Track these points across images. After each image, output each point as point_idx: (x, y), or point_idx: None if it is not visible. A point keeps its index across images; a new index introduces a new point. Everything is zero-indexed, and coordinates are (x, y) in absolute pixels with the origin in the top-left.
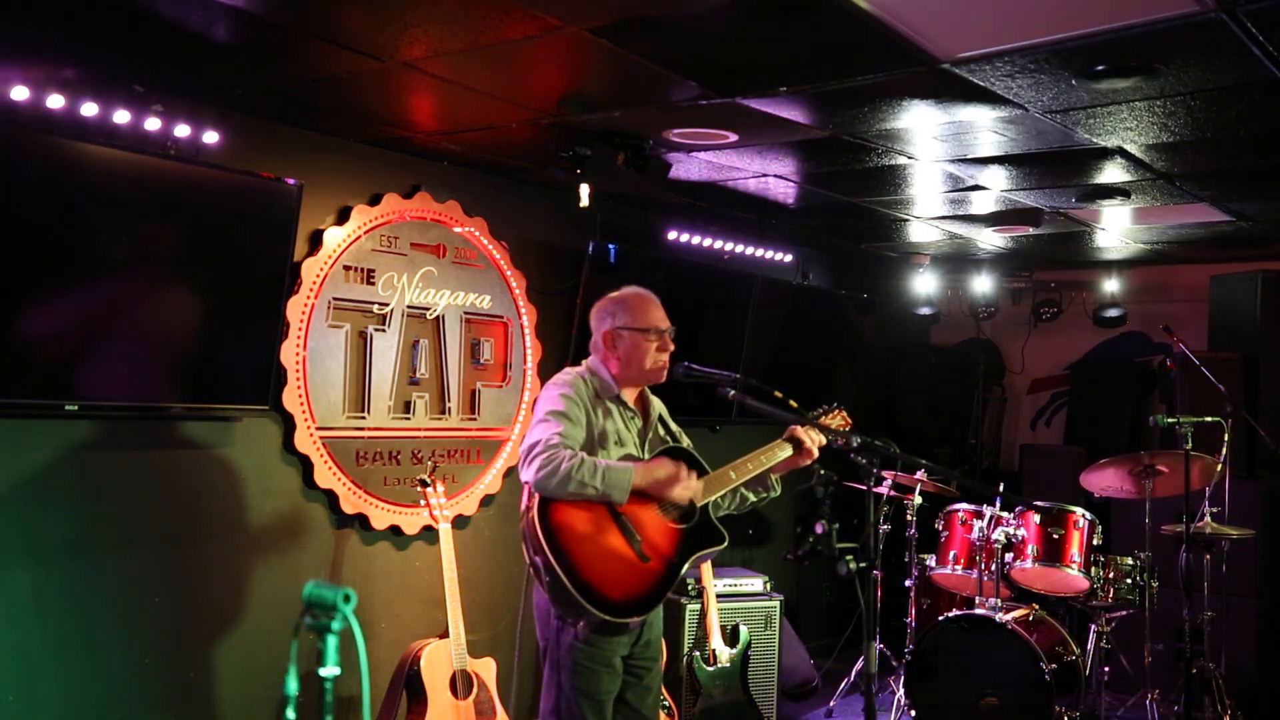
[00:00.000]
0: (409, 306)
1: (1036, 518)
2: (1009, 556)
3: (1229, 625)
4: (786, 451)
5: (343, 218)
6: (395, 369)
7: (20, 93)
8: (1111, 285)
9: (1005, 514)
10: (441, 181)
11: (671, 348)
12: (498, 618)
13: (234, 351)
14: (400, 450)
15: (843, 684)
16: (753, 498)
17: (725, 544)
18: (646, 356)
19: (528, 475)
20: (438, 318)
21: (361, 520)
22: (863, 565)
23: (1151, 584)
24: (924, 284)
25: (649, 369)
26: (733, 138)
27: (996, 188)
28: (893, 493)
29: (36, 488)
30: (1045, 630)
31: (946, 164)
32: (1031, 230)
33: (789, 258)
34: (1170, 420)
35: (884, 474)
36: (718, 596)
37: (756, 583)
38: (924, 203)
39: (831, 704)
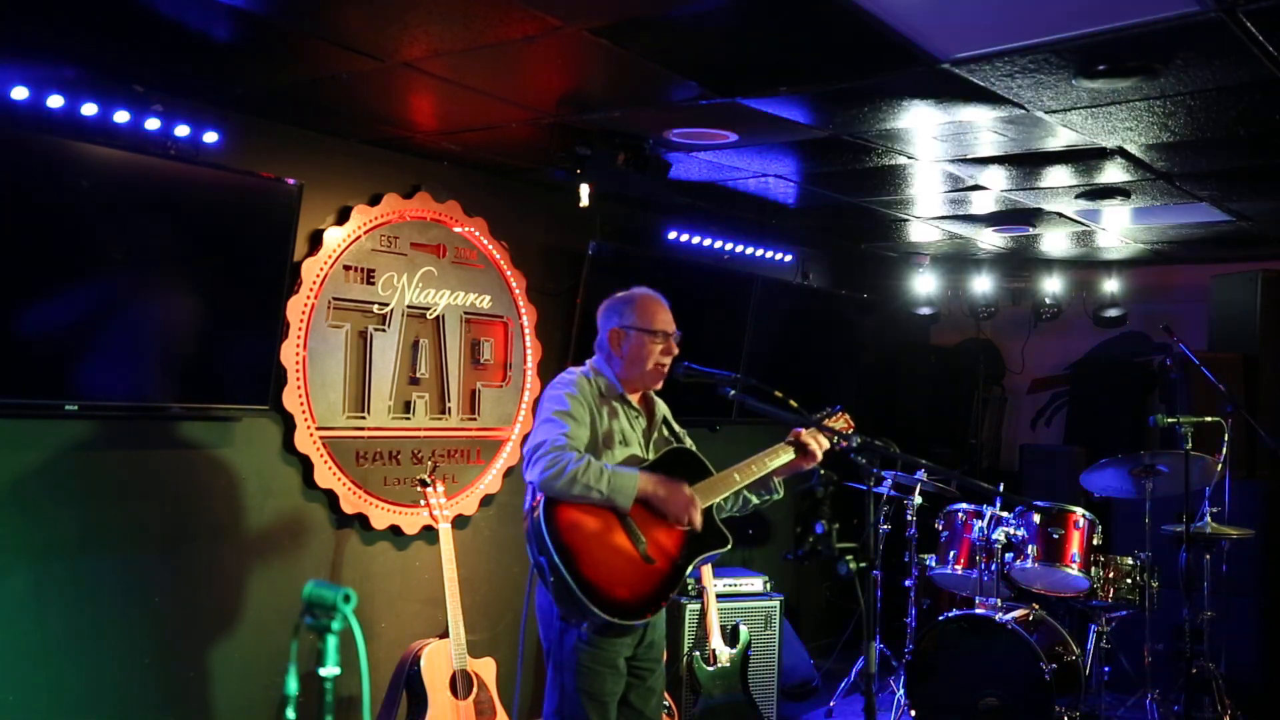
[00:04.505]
0: (409, 306)
1: (1036, 517)
2: (1009, 556)
3: (1229, 625)
4: (789, 454)
5: (343, 218)
6: (395, 369)
7: (20, 93)
8: (1111, 285)
9: (1005, 514)
10: (441, 181)
11: (675, 351)
12: (497, 618)
13: (234, 351)
14: (400, 450)
15: (842, 684)
16: (755, 500)
17: (729, 546)
18: (650, 358)
19: (532, 475)
20: (438, 318)
21: (361, 520)
22: (862, 565)
23: (1151, 584)
24: (924, 284)
25: (650, 370)
26: (733, 138)
27: (996, 188)
28: (893, 493)
29: (36, 487)
30: (1045, 630)
31: (946, 164)
32: (1031, 230)
33: (789, 258)
34: (1170, 420)
35: (884, 474)
36: (718, 596)
37: (756, 582)
38: (924, 203)
39: (831, 704)
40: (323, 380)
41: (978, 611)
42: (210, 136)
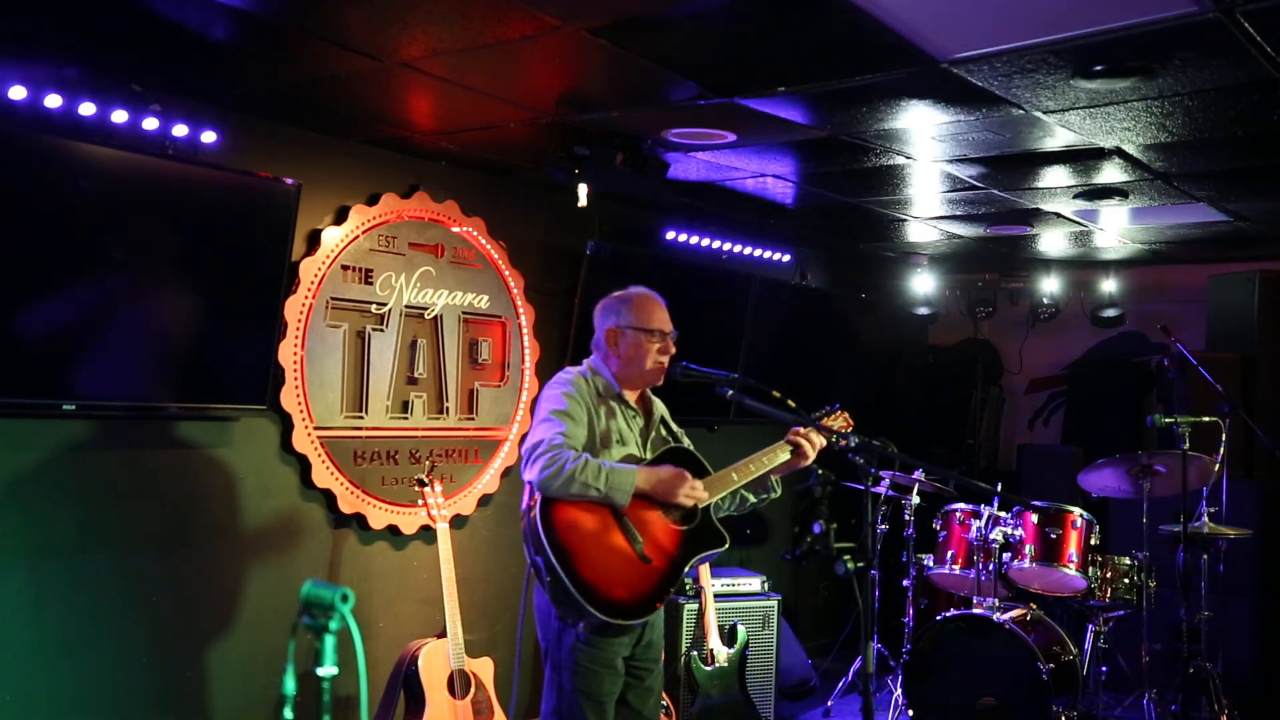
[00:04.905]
0: (407, 306)
1: (1034, 517)
2: (1006, 556)
3: (1226, 625)
4: (787, 454)
5: (341, 217)
6: (393, 369)
7: (19, 92)
8: (1109, 285)
9: (1003, 514)
10: (440, 181)
11: (672, 350)
12: (495, 618)
13: (232, 351)
14: (398, 450)
15: (840, 683)
16: (753, 499)
17: (726, 545)
18: (647, 357)
19: (530, 475)
20: (436, 317)
21: (359, 520)
22: (860, 565)
23: (1149, 584)
24: (923, 284)
25: (648, 369)
26: (731, 138)
27: (995, 188)
28: (890, 492)
29: (34, 487)
30: (1043, 630)
31: (945, 164)
32: (1029, 230)
33: (787, 258)
34: (1168, 420)
35: (882, 474)
36: (715, 596)
37: (754, 582)
38: (922, 203)
39: (829, 703)
40: (320, 380)
41: (975, 611)
42: (208, 136)
